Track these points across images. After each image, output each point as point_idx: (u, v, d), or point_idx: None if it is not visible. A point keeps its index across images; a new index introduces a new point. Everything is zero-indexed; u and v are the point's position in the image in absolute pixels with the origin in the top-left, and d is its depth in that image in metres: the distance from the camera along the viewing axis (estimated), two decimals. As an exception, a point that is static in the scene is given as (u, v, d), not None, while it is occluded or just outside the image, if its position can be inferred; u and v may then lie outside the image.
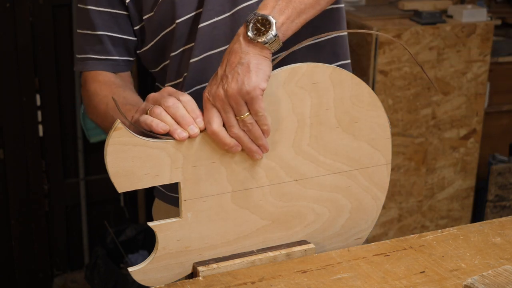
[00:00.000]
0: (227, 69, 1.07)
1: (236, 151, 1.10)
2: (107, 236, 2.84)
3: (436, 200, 2.96)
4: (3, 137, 2.78)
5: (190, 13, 1.24)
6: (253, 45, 1.07)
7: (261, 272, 1.13)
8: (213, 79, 1.09)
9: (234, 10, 1.23)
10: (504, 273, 1.02)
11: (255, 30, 1.07)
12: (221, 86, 1.07)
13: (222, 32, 1.23)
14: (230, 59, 1.07)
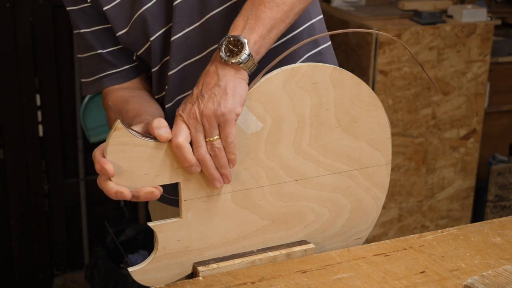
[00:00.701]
0: (204, 89, 1.07)
1: (194, 172, 1.08)
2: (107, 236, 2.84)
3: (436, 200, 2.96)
4: (3, 137, 2.78)
5: (162, 28, 1.24)
6: (229, 66, 1.07)
7: (261, 272, 1.13)
8: (188, 98, 1.09)
9: (203, 19, 1.22)
10: (504, 273, 1.02)
11: (228, 52, 1.07)
12: (196, 105, 1.06)
13: (195, 42, 1.23)
14: (206, 80, 1.08)
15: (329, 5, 3.03)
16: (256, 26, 1.09)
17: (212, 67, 1.08)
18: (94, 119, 2.90)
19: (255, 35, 1.09)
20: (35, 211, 2.89)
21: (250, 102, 1.11)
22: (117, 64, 1.32)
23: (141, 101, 1.29)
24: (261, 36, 1.10)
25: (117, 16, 1.25)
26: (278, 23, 1.11)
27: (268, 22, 1.10)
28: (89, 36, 1.30)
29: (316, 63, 1.15)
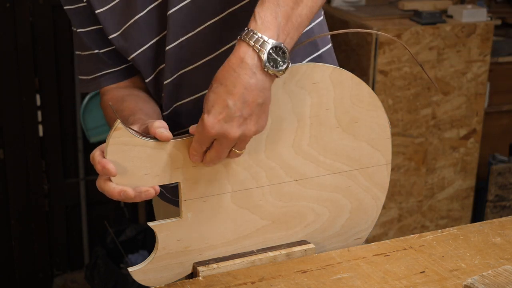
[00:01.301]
0: (245, 110, 1.00)
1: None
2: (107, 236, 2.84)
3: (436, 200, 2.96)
4: (3, 137, 2.78)
5: (156, 37, 1.23)
6: (269, 77, 1.01)
7: (261, 272, 1.13)
8: (223, 112, 1.00)
9: (198, 29, 1.21)
10: (504, 273, 1.02)
11: (272, 62, 1.00)
12: (236, 126, 1.01)
13: (190, 51, 1.22)
14: (246, 97, 1.00)
15: (329, 5, 3.03)
16: (292, 29, 1.03)
17: (253, 80, 1.00)
18: (94, 119, 2.90)
19: (289, 38, 1.03)
20: (35, 211, 2.89)
21: None
22: (113, 63, 1.32)
23: (137, 100, 1.28)
24: (293, 38, 1.04)
25: (108, 20, 1.24)
26: (305, 21, 1.05)
27: (296, 19, 1.03)
28: (85, 35, 1.30)
29: (316, 63, 1.15)
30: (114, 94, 1.31)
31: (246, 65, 1.00)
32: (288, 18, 1.02)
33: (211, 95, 1.02)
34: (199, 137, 1.04)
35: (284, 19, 1.02)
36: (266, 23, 1.01)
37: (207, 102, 1.02)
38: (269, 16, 1.01)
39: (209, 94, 1.02)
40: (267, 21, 1.01)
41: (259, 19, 1.01)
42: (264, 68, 1.00)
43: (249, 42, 1.00)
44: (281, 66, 1.01)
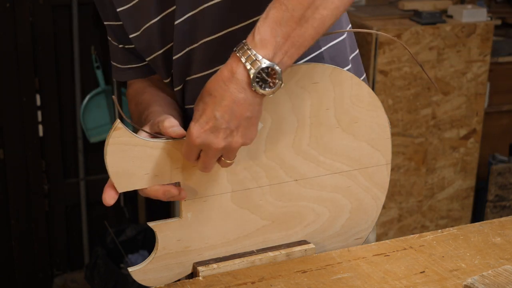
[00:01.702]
0: (232, 122, 1.00)
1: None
2: (107, 236, 2.84)
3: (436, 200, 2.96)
4: (3, 137, 2.78)
5: (164, 47, 1.23)
6: (258, 95, 1.00)
7: (261, 272, 1.13)
8: (209, 123, 1.00)
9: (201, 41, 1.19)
10: (504, 273, 1.02)
11: (261, 82, 0.99)
12: (222, 137, 1.01)
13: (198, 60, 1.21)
14: (235, 110, 0.99)
15: (329, 5, 3.02)
16: (285, 45, 0.99)
17: (242, 95, 0.99)
18: (94, 119, 2.90)
19: (286, 58, 1.00)
20: (35, 211, 2.89)
21: None
22: (137, 59, 1.32)
23: (154, 92, 1.29)
24: (292, 58, 1.01)
25: (127, 20, 1.24)
26: (309, 41, 1.02)
27: (298, 40, 1.00)
28: (109, 28, 1.30)
29: (316, 63, 1.15)
30: (136, 86, 1.33)
31: (236, 80, 0.99)
32: (288, 38, 0.99)
33: (200, 105, 1.02)
34: (186, 146, 1.04)
35: (283, 39, 0.99)
36: (263, 41, 0.99)
37: (196, 110, 1.03)
38: (268, 34, 0.99)
39: (199, 103, 1.02)
40: (265, 39, 0.99)
41: (258, 34, 0.99)
42: (253, 88, 0.99)
43: (241, 58, 0.99)
44: (270, 87, 0.99)
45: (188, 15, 1.18)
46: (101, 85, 2.88)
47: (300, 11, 0.99)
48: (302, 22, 1.00)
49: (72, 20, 2.78)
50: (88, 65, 2.86)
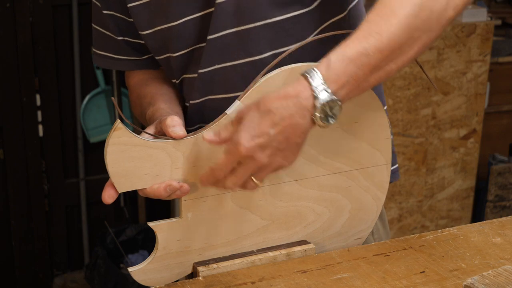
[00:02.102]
0: (282, 144, 0.99)
1: None
2: (107, 236, 2.83)
3: (436, 200, 2.96)
4: (3, 137, 2.78)
5: (186, 49, 1.22)
6: (313, 124, 1.01)
7: (261, 272, 1.13)
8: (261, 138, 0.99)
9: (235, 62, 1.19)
10: (504, 273, 1.02)
11: (323, 114, 0.99)
12: (267, 155, 0.99)
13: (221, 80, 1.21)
14: (290, 134, 0.99)
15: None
16: (353, 87, 1.01)
17: (301, 122, 0.99)
18: (94, 119, 2.90)
19: (345, 94, 1.01)
20: (35, 211, 2.89)
21: (250, 102, 1.11)
22: (136, 53, 1.32)
23: (159, 86, 1.29)
24: (350, 96, 1.02)
25: (140, 16, 1.22)
26: (369, 88, 1.05)
27: (364, 86, 1.02)
28: (110, 18, 1.28)
29: (316, 63, 1.15)
30: (139, 77, 1.32)
31: (300, 104, 0.99)
32: (358, 81, 1.01)
33: (256, 116, 0.99)
34: (228, 153, 1.00)
35: (354, 80, 1.00)
36: (336, 76, 0.99)
37: (248, 119, 1.00)
38: (342, 71, 0.99)
39: (254, 114, 1.00)
40: (338, 74, 0.99)
41: (332, 69, 0.99)
42: (313, 117, 1.00)
43: (311, 84, 0.98)
44: (327, 121, 1.00)
45: (227, 32, 1.17)
46: (101, 85, 2.88)
47: (377, 60, 1.00)
48: (375, 71, 1.01)
49: (72, 20, 2.78)
50: (88, 65, 2.86)
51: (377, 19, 1.02)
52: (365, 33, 1.01)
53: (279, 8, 1.16)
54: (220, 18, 1.16)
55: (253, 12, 1.16)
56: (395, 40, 1.01)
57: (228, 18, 1.16)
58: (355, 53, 1.00)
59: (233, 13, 1.16)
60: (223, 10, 1.16)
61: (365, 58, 1.00)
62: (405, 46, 1.02)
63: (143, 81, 1.32)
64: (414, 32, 1.02)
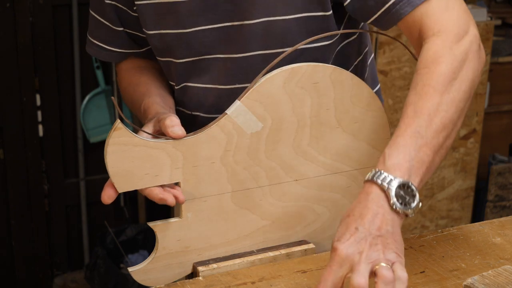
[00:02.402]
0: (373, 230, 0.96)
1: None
2: (107, 236, 2.83)
3: (436, 200, 2.96)
4: (3, 137, 2.78)
5: (192, 57, 1.22)
6: (398, 215, 0.99)
7: (261, 272, 1.13)
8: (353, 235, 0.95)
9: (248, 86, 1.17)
10: (504, 273, 1.02)
11: (400, 199, 0.97)
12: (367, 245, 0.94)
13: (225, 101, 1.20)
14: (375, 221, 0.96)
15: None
16: (420, 170, 0.99)
17: (381, 210, 0.96)
18: (94, 119, 2.90)
19: (418, 179, 0.99)
20: (35, 211, 2.89)
21: (250, 102, 1.11)
22: (135, 45, 1.32)
23: (153, 77, 1.30)
24: (423, 181, 1.00)
25: (147, 15, 1.21)
26: (438, 162, 1.03)
27: (431, 167, 1.01)
28: (113, 8, 1.27)
29: (316, 63, 1.15)
30: (132, 63, 1.33)
31: (372, 198, 0.97)
32: (423, 164, 0.99)
33: (340, 227, 0.97)
34: (331, 267, 0.95)
35: (419, 164, 0.99)
36: (396, 165, 0.98)
37: (338, 232, 0.97)
38: (401, 159, 0.98)
39: (338, 227, 0.98)
40: (398, 163, 0.98)
41: (389, 160, 0.98)
42: (393, 205, 0.97)
43: (376, 181, 0.97)
44: (410, 204, 0.98)
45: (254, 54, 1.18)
46: (101, 85, 2.88)
47: (436, 139, 1.00)
48: (439, 148, 1.01)
49: (72, 20, 2.78)
50: (88, 65, 2.86)
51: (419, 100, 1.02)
52: (412, 115, 1.01)
53: (308, 37, 1.17)
54: (247, 38, 1.17)
55: (282, 38, 1.17)
56: (444, 117, 1.02)
57: (256, 40, 1.17)
58: (408, 139, 0.99)
59: (262, 36, 1.17)
60: (251, 32, 1.17)
61: (420, 139, 0.99)
62: (455, 120, 1.04)
63: (136, 69, 1.31)
64: (458, 104, 1.03)
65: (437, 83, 1.02)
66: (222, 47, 1.19)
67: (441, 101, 1.02)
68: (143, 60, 1.35)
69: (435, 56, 1.04)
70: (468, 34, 1.07)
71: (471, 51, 1.06)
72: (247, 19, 1.16)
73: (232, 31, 1.18)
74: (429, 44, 1.07)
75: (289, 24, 1.16)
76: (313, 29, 1.17)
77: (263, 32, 1.17)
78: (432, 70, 1.03)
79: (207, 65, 1.22)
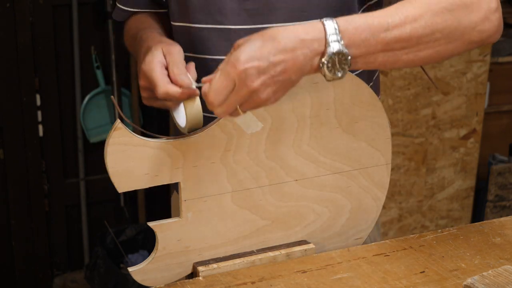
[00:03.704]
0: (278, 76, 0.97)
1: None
2: (107, 236, 2.83)
3: (436, 200, 2.96)
4: (3, 137, 2.78)
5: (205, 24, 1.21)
6: (314, 71, 1.00)
7: (261, 272, 1.13)
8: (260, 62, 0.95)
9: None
10: (504, 273, 1.02)
11: (330, 63, 0.98)
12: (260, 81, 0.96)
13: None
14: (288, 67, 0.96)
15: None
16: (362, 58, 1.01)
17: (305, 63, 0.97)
18: (94, 119, 2.90)
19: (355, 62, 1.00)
20: (35, 211, 2.89)
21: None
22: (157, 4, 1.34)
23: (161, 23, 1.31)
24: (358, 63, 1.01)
25: None
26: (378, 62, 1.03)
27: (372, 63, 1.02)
28: None
29: None
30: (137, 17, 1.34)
31: (308, 44, 0.97)
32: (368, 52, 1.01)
33: (258, 41, 0.96)
34: (223, 74, 0.96)
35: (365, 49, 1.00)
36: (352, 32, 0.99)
37: (249, 42, 0.97)
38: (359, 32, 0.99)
39: (257, 38, 0.97)
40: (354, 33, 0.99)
41: (351, 25, 0.99)
42: (320, 63, 0.98)
43: (326, 30, 0.97)
44: (336, 73, 0.99)
45: None
46: (101, 85, 2.88)
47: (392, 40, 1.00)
48: (386, 50, 1.01)
49: (72, 20, 2.78)
50: (88, 65, 2.86)
51: (408, 4, 1.03)
52: (393, 11, 1.01)
53: (328, 13, 1.16)
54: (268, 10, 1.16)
55: (303, 11, 1.16)
56: (416, 29, 1.01)
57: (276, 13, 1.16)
58: (377, 23, 1.00)
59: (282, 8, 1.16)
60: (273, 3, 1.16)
61: (383, 32, 1.00)
62: (422, 41, 1.03)
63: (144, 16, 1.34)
64: (436, 32, 1.03)
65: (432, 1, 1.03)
66: (242, 18, 1.18)
67: (423, 16, 1.02)
68: (156, 14, 1.36)
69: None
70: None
71: (479, 5, 1.05)
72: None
73: (255, 3, 1.17)
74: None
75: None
76: (333, 3, 1.17)
77: (285, 5, 1.16)
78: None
79: (223, 34, 1.20)
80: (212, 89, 0.97)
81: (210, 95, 0.97)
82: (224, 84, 0.96)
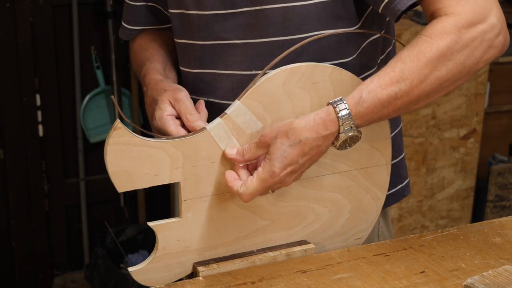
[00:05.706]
0: (304, 166, 1.10)
1: None
2: (107, 236, 2.83)
3: (436, 200, 2.96)
4: (3, 137, 2.78)
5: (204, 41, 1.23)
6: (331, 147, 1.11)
7: (261, 272, 1.13)
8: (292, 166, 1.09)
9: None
10: (504, 273, 1.02)
11: (343, 144, 1.10)
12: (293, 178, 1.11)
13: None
14: (314, 158, 1.10)
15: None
16: (374, 122, 1.11)
17: (325, 149, 1.10)
18: (94, 119, 2.90)
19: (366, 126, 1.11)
20: (35, 211, 2.89)
21: (250, 102, 1.11)
22: (161, 20, 1.35)
23: (157, 48, 1.33)
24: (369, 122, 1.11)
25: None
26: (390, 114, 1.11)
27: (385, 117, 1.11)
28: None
29: (316, 63, 1.15)
30: (140, 41, 1.37)
31: (327, 137, 1.08)
32: (381, 118, 1.10)
33: (286, 145, 1.08)
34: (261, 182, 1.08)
35: (378, 118, 1.09)
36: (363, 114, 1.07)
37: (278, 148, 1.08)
38: (370, 111, 1.07)
39: (284, 142, 1.08)
40: (366, 113, 1.07)
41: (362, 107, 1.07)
42: (335, 145, 1.10)
43: (339, 119, 1.07)
44: (347, 147, 1.11)
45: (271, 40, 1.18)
46: (101, 85, 2.88)
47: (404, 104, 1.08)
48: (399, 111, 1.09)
49: (72, 20, 2.78)
50: (88, 65, 2.86)
51: (410, 63, 1.07)
52: (399, 76, 1.06)
53: (327, 24, 1.17)
54: (266, 24, 1.17)
55: (301, 24, 1.17)
56: (423, 89, 1.07)
57: (274, 26, 1.17)
58: (386, 97, 1.07)
59: (280, 21, 1.17)
60: (270, 17, 1.16)
61: (393, 101, 1.07)
62: (431, 95, 1.09)
63: (150, 36, 1.36)
64: (443, 83, 1.08)
65: (433, 56, 1.06)
66: (241, 32, 1.19)
67: (430, 75, 1.06)
68: (160, 33, 1.37)
69: (442, 31, 1.06)
70: (484, 22, 1.07)
71: (481, 39, 1.07)
72: (266, 3, 1.16)
73: (251, 16, 1.17)
74: (441, 19, 1.08)
75: (308, 9, 1.16)
76: (332, 16, 1.17)
77: (282, 18, 1.16)
78: (433, 41, 1.06)
79: (224, 49, 1.21)
80: (247, 193, 1.09)
81: (245, 197, 1.09)
82: (260, 190, 1.09)
